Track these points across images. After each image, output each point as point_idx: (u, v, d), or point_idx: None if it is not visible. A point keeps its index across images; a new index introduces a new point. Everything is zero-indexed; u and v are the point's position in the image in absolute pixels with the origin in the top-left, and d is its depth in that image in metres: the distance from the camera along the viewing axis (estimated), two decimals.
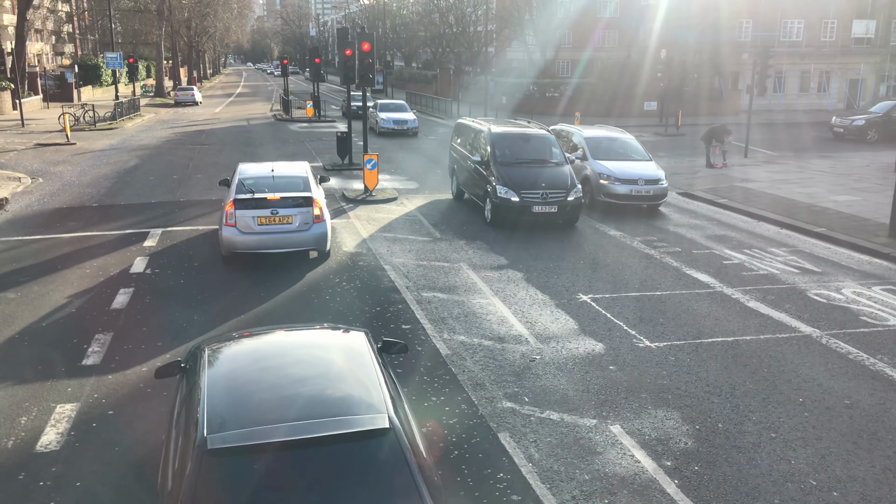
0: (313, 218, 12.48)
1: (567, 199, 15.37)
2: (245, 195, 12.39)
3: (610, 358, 9.08)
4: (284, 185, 12.85)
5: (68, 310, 10.56)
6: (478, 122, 18.61)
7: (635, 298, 11.36)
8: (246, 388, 4.97)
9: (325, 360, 5.43)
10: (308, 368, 5.29)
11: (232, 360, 5.51)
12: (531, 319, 10.35)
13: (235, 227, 12.23)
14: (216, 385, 4.94)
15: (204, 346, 5.61)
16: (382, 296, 11.31)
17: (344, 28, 22.40)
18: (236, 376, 5.19)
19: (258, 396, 4.84)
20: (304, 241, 12.54)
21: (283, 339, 6.03)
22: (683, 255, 13.90)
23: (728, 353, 9.35)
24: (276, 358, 5.51)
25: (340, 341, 5.85)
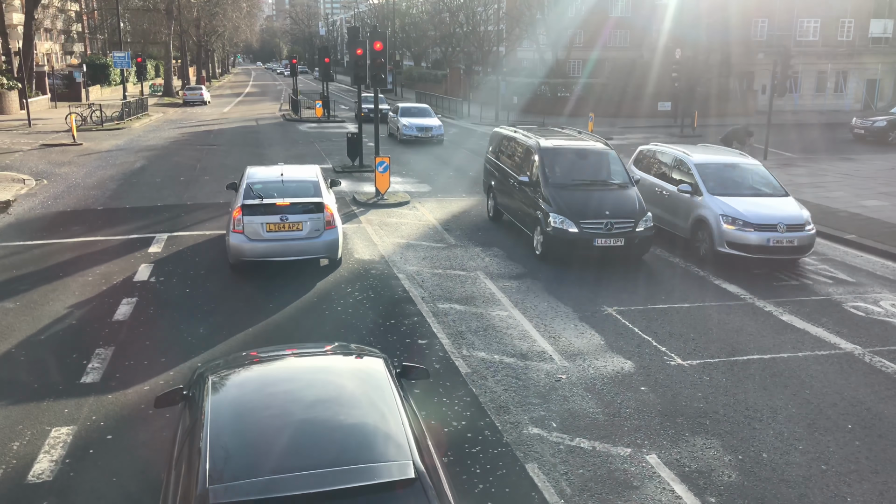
0: (324, 224, 11.98)
1: (636, 230, 12.69)
2: (253, 200, 11.87)
3: (641, 377, 8.52)
4: (294, 190, 12.34)
5: (68, 321, 10.07)
6: (521, 132, 15.73)
7: (663, 311, 10.79)
8: (254, 428, 4.42)
9: (343, 395, 4.85)
10: (324, 404, 4.71)
11: (238, 393, 4.95)
12: (554, 334, 9.80)
13: (243, 234, 11.72)
14: (220, 424, 4.42)
15: (208, 375, 5.08)
16: (396, 307, 10.78)
17: (355, 27, 21.90)
18: (243, 413, 4.62)
19: (268, 438, 4.30)
20: (315, 248, 12.00)
21: (294, 368, 5.41)
22: (708, 264, 13.30)
23: (765, 372, 8.77)
24: (287, 391, 4.91)
25: (358, 370, 5.28)
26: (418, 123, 31.33)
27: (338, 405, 4.69)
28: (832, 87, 51.67)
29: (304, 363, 5.49)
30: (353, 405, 4.71)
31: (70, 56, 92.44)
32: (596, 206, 12.87)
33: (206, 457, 4.06)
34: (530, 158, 14.27)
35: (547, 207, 12.96)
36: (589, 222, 12.62)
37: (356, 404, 4.72)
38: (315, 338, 9.51)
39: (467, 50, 68.11)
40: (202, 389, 4.86)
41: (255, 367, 5.33)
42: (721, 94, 45.75)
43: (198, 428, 4.43)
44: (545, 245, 12.97)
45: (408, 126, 31.01)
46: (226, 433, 4.32)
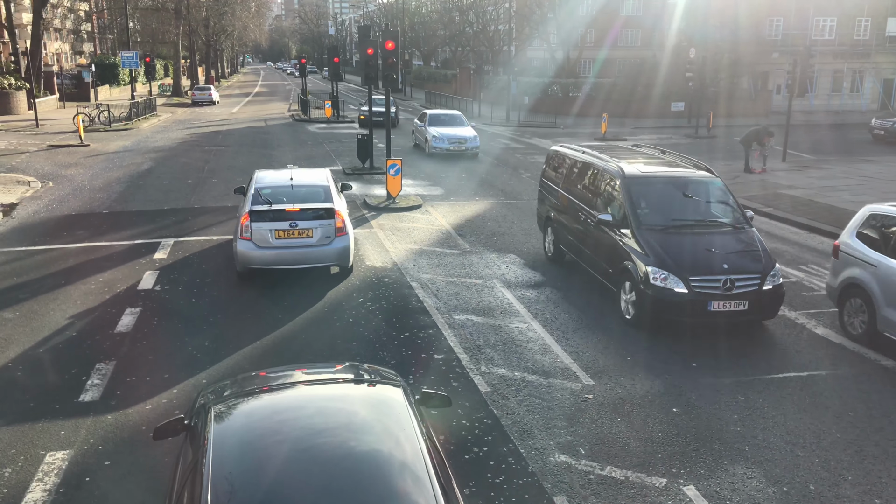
0: (335, 231, 11.50)
1: (763, 289, 9.65)
2: (262, 206, 11.41)
3: (672, 397, 8.01)
4: (304, 195, 11.85)
5: (69, 333, 9.64)
6: (592, 153, 12.39)
7: (690, 323, 10.26)
8: (261, 467, 3.95)
9: (359, 433, 4.34)
10: (337, 442, 4.21)
11: (244, 428, 4.44)
12: (577, 348, 9.30)
13: (251, 241, 11.24)
14: (224, 462, 3.97)
15: (210, 406, 4.62)
16: (411, 318, 10.30)
17: (366, 26, 21.44)
18: (249, 451, 4.15)
19: (276, 479, 3.85)
20: (326, 256, 11.54)
21: (304, 398, 4.87)
22: None
23: (804, 391, 8.25)
24: (297, 426, 4.41)
25: (375, 402, 4.78)
26: (450, 134, 26.59)
27: (353, 444, 4.21)
28: (848, 87, 50.87)
29: (315, 392, 4.97)
30: (370, 445, 4.23)
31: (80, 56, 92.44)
32: (708, 257, 9.79)
33: (208, 500, 3.67)
34: (610, 189, 11.19)
35: (641, 258, 9.90)
36: (701, 280, 9.52)
37: (374, 444, 4.25)
38: (326, 353, 9.04)
39: (477, 49, 67.57)
40: (204, 421, 4.44)
41: (261, 396, 4.84)
42: (734, 94, 45.09)
43: (199, 465, 4.02)
44: (640, 307, 9.84)
45: (438, 137, 26.34)
46: (229, 473, 3.90)
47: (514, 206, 18.14)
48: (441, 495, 3.77)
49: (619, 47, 60.44)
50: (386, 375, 5.34)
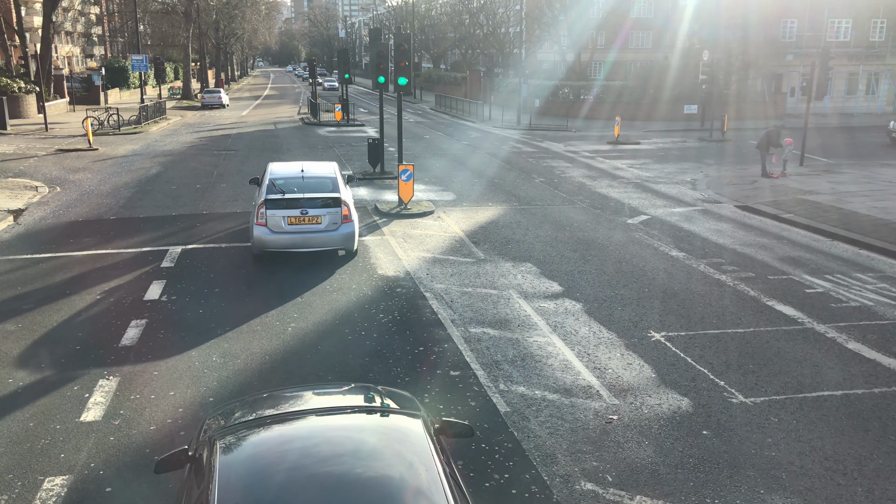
0: (342, 218, 12.65)
1: None
2: (276, 195, 12.50)
3: (701, 419, 7.61)
4: (314, 186, 12.95)
5: (72, 346, 9.33)
6: None
7: (715, 337, 9.87)
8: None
9: (376, 472, 3.98)
10: (352, 481, 3.84)
11: (250, 464, 4.10)
12: (600, 365, 8.91)
13: (266, 227, 12.38)
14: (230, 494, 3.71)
15: (216, 439, 4.31)
16: (425, 331, 9.93)
17: (377, 28, 21.11)
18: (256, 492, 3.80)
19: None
20: (333, 240, 12.66)
21: (315, 430, 4.51)
22: (759, 282, 12.35)
23: (840, 412, 7.83)
24: (308, 462, 4.07)
25: (393, 437, 4.40)
26: None
27: (367, 478, 3.88)
28: (864, 89, 50.20)
29: (327, 423, 4.57)
30: (386, 479, 3.91)
31: (90, 59, 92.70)
32: None
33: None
34: None
35: None
36: None
37: (390, 477, 3.93)
38: (338, 369, 8.68)
39: (487, 52, 67.20)
40: (210, 453, 4.16)
41: (270, 427, 4.51)
42: (747, 97, 44.55)
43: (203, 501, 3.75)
44: None
45: None
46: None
47: (528, 212, 17.76)
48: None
49: (629, 49, 59.98)
50: (402, 401, 5.03)
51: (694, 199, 19.95)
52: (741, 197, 19.97)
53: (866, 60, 48.89)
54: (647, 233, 15.79)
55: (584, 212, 17.91)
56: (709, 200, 19.69)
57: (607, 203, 19.07)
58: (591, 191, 20.83)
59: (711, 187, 21.70)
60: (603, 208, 18.38)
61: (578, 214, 17.59)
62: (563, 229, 15.98)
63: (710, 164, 26.76)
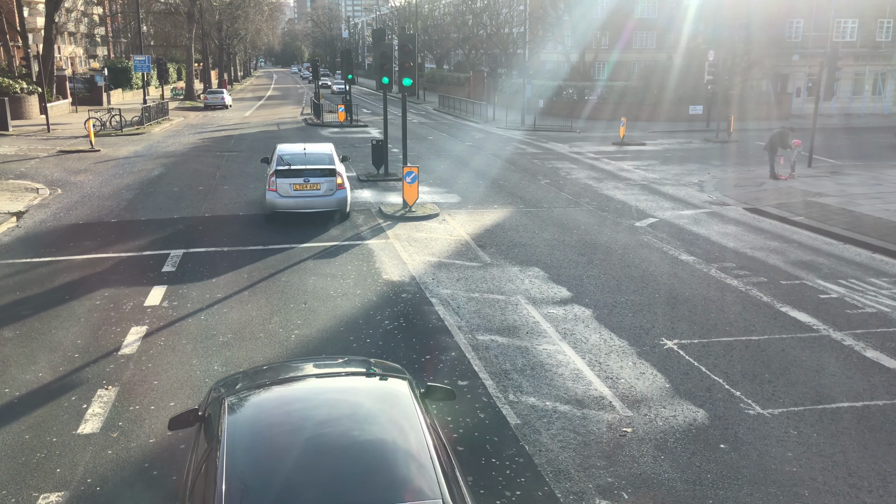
0: (336, 186, 15.63)
1: None
2: (284, 167, 15.51)
3: (718, 432, 7.37)
4: (314, 160, 15.92)
5: (70, 355, 9.11)
6: None
7: (728, 345, 9.62)
8: (273, 459, 4.07)
9: (366, 424, 4.44)
10: (345, 435, 4.33)
11: (256, 419, 4.58)
12: (612, 374, 8.67)
13: (276, 192, 15.43)
14: (237, 456, 4.07)
15: (224, 398, 4.75)
16: (431, 339, 9.70)
17: (381, 29, 20.90)
18: (261, 442, 4.27)
19: (288, 470, 3.97)
20: (329, 203, 15.65)
21: (314, 390, 5.09)
22: (772, 287, 12.10)
23: (862, 424, 7.59)
24: (308, 417, 4.55)
25: (382, 395, 4.91)
26: None
27: (359, 434, 4.34)
28: (870, 90, 49.89)
29: (325, 385, 5.17)
30: (378, 439, 4.33)
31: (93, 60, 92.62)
32: None
33: (223, 488, 3.79)
34: None
35: None
36: None
37: (382, 438, 4.36)
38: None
39: (491, 52, 66.98)
40: (218, 417, 4.54)
41: (273, 389, 5.01)
42: (753, 98, 44.26)
43: (213, 460, 4.13)
44: None
45: None
46: (243, 463, 4.03)
47: (534, 215, 17.53)
48: (444, 482, 3.88)
49: (632, 49, 59.68)
50: (391, 369, 5.47)
51: (701, 201, 19.69)
52: (749, 199, 19.71)
53: (872, 61, 48.59)
54: (656, 236, 15.55)
55: (590, 214, 17.67)
56: (717, 203, 19.45)
57: (614, 205, 18.82)
58: (598, 193, 20.58)
59: (719, 189, 21.44)
60: (610, 211, 18.13)
61: (585, 217, 17.34)
62: (570, 232, 15.74)
63: (717, 165, 26.50)
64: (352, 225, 16.25)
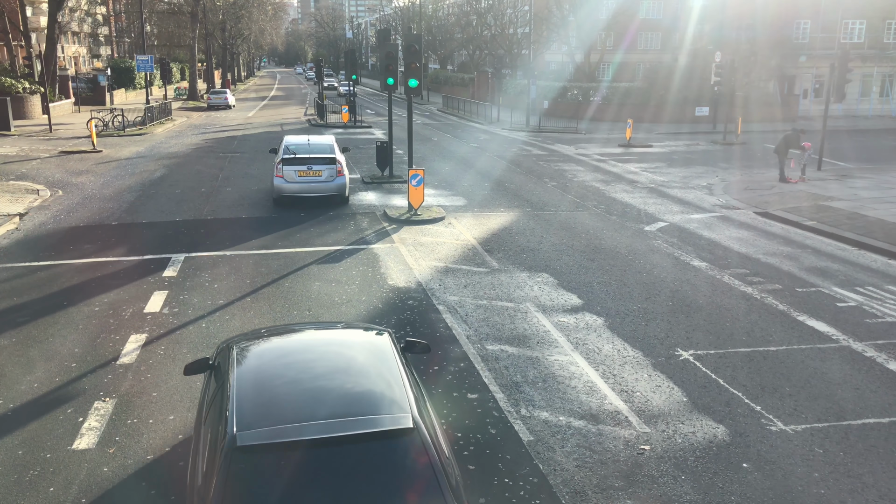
0: (336, 172, 17.41)
1: None
2: (290, 156, 17.25)
3: (740, 450, 7.06)
4: (317, 150, 17.69)
5: (67, 364, 8.83)
6: None
7: (746, 356, 9.32)
8: (274, 387, 4.98)
9: (351, 359, 5.44)
10: (334, 367, 5.32)
11: (260, 358, 5.50)
12: (627, 387, 8.37)
13: (283, 178, 17.19)
14: (245, 383, 4.97)
15: (233, 345, 5.63)
16: (440, 349, 9.41)
17: (386, 29, 20.60)
18: (264, 374, 5.19)
19: (286, 395, 4.87)
20: (329, 188, 17.41)
21: (309, 338, 6.18)
22: (787, 295, 11.79)
23: (890, 442, 7.28)
24: (302, 356, 5.57)
25: (365, 340, 5.90)
26: None
27: (347, 370, 5.27)
28: (878, 91, 49.49)
29: (319, 335, 6.26)
30: (361, 370, 5.26)
31: (97, 59, 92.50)
32: None
33: (234, 410, 4.59)
34: None
35: None
36: None
37: (364, 370, 5.27)
38: None
39: (495, 53, 66.65)
40: (228, 358, 5.39)
41: (274, 339, 5.96)
42: (760, 99, 43.91)
43: (225, 388, 4.98)
44: None
45: None
46: (249, 392, 4.85)
47: (542, 218, 17.23)
48: (413, 403, 4.71)
49: (637, 50, 59.40)
50: (374, 327, 6.24)
51: (711, 204, 19.38)
52: (760, 203, 19.40)
53: (880, 62, 48.19)
54: (667, 241, 15.24)
55: (599, 218, 17.36)
56: (727, 206, 19.13)
57: (623, 209, 18.52)
58: (606, 196, 20.28)
59: (728, 192, 21.12)
60: (619, 214, 17.83)
61: (594, 221, 17.04)
62: (579, 237, 15.44)
63: (725, 167, 26.18)
64: (356, 228, 15.97)
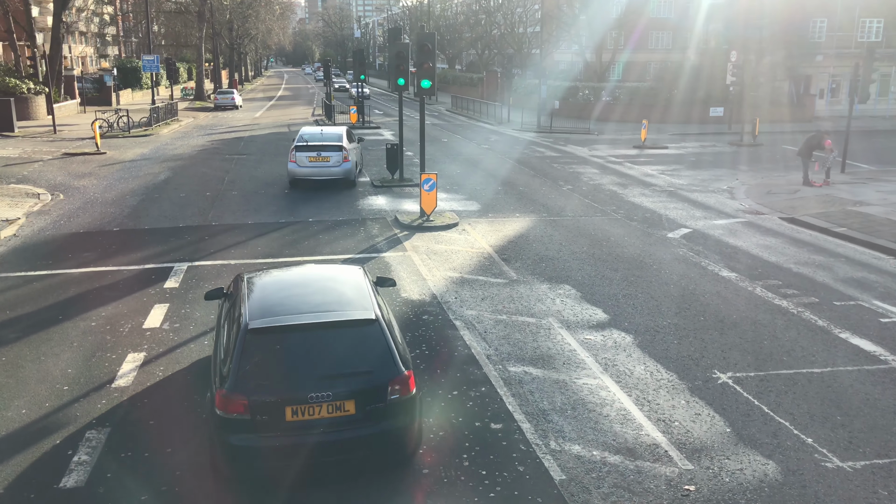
0: (343, 159, 19.84)
1: None
2: (302, 143, 19.94)
3: (795, 491, 6.38)
4: (327, 138, 20.27)
5: (58, 387, 8.22)
6: None
7: (789, 379, 8.63)
8: (273, 294, 6.99)
9: (332, 280, 7.49)
10: (320, 285, 7.35)
11: (263, 279, 7.39)
12: (664, 415, 7.69)
13: (296, 163, 19.77)
14: (253, 292, 6.91)
15: (242, 274, 7.64)
16: (458, 371, 8.75)
17: (397, 27, 19.96)
18: (267, 288, 7.13)
19: (282, 299, 6.85)
20: (336, 172, 19.84)
21: (301, 268, 8.63)
22: (825, 309, 11.08)
23: None
24: (295, 278, 7.72)
25: (344, 270, 8.00)
26: None
27: (330, 287, 7.26)
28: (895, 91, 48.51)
29: (309, 267, 9.02)
30: (338, 287, 7.18)
31: (104, 59, 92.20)
32: None
33: (247, 309, 6.51)
34: None
35: None
36: None
37: (340, 287, 7.17)
38: None
39: (505, 52, 65.94)
40: (240, 281, 7.40)
41: (273, 270, 7.95)
42: (775, 99, 43.04)
43: (239, 297, 6.91)
44: None
45: None
46: (257, 297, 6.80)
47: (559, 224, 16.55)
48: (374, 303, 6.73)
49: (648, 49, 58.54)
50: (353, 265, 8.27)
51: (734, 209, 18.66)
52: (785, 208, 18.65)
53: None
54: (692, 248, 14.54)
55: (619, 224, 16.67)
56: (750, 211, 18.40)
57: (643, 214, 17.81)
58: (624, 200, 19.58)
59: (751, 196, 20.38)
60: (639, 220, 17.13)
61: (614, 227, 16.35)
62: (600, 245, 14.75)
63: (745, 170, 25.41)
64: (367, 235, 15.33)
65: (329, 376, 6.02)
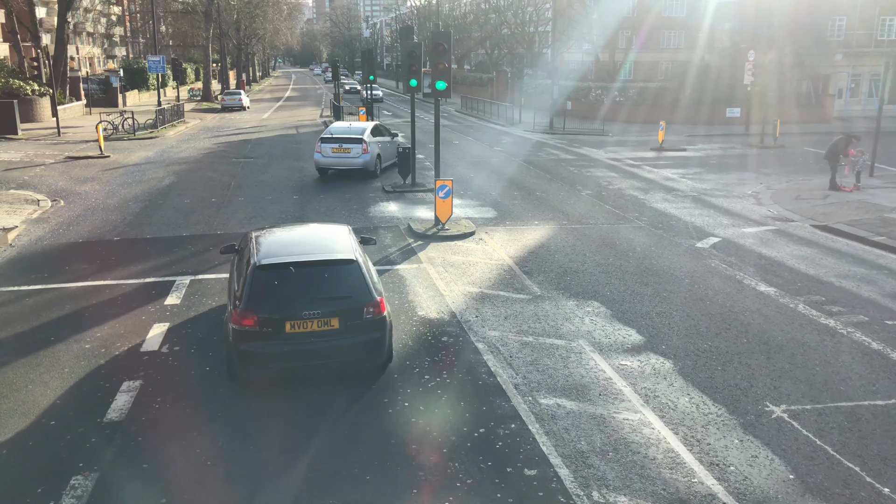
0: (362, 151, 21.56)
1: None
2: (328, 135, 22.06)
3: None
4: (352, 132, 22.25)
5: (45, 421, 7.47)
6: None
7: (851, 413, 7.79)
8: (277, 243, 9.00)
9: (323, 235, 9.58)
10: (314, 238, 9.53)
11: (268, 235, 9.26)
12: (716, 458, 6.87)
13: (321, 154, 21.75)
14: (260, 244, 8.71)
15: (251, 232, 9.56)
16: (484, 403, 7.94)
17: (408, 26, 19.17)
18: (272, 240, 9.04)
19: (284, 246, 8.91)
20: (356, 163, 21.64)
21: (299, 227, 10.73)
22: (878, 329, 10.23)
23: None
24: (294, 234, 9.94)
25: (333, 228, 9.79)
26: None
27: (321, 239, 9.34)
28: None
29: (306, 226, 11.55)
30: (328, 239, 9.15)
31: (111, 60, 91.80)
32: None
33: (256, 253, 8.36)
34: None
35: None
36: None
37: (330, 239, 9.13)
38: (377, 460, 6.72)
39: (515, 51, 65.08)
40: (248, 236, 9.35)
41: (276, 228, 9.91)
42: (793, 99, 42.03)
43: (249, 247, 8.78)
44: None
45: None
46: (263, 245, 8.68)
47: (581, 233, 15.72)
48: (356, 249, 8.70)
49: (662, 49, 57.57)
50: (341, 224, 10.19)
51: (762, 216, 17.79)
52: (816, 214, 17.78)
53: None
54: (724, 260, 13.70)
55: (644, 233, 15.84)
56: (779, 218, 17.54)
57: (668, 221, 16.97)
58: (646, 206, 18.73)
59: (778, 202, 19.51)
60: (664, 228, 16.29)
61: (639, 236, 15.52)
62: (626, 256, 13.93)
63: (767, 173, 24.51)
64: (379, 245, 14.54)
65: (319, 299, 7.83)
